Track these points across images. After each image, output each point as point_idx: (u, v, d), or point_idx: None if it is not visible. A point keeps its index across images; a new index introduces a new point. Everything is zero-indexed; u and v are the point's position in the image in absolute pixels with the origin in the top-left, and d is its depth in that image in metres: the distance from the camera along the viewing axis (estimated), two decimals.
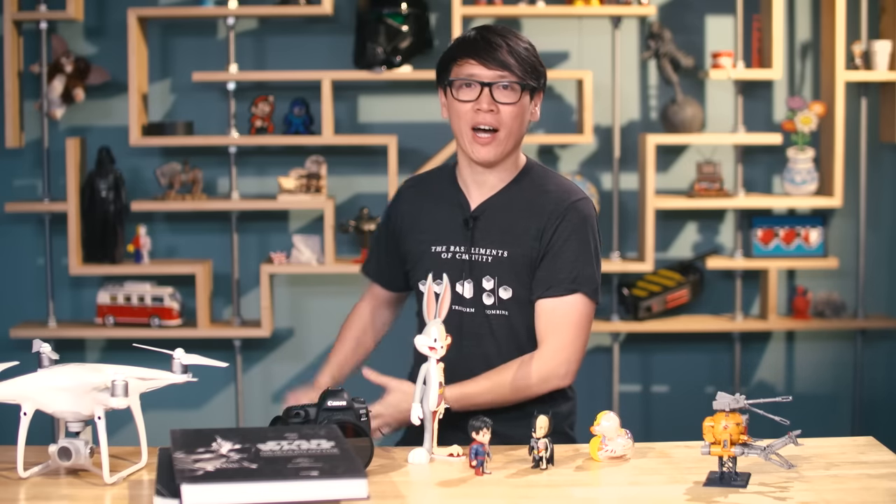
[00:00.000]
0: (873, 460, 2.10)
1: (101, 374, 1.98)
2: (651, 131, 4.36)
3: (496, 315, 2.44)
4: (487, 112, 2.39)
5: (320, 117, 4.17)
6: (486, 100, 2.39)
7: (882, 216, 4.49)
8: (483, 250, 2.44)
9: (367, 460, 2.04)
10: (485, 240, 2.44)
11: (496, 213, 2.45)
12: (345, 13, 4.33)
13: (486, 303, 2.44)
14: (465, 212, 2.47)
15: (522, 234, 2.43)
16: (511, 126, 2.41)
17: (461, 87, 2.41)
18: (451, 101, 2.43)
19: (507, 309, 2.44)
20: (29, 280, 4.40)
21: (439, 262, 2.45)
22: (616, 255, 4.32)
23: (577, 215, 2.43)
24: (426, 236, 2.49)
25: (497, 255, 2.43)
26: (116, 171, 4.17)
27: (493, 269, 2.43)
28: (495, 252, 2.43)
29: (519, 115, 2.42)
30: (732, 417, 1.93)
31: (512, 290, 2.43)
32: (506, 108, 2.39)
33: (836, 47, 4.21)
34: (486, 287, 2.43)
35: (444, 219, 2.48)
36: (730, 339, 4.46)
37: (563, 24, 4.38)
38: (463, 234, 2.45)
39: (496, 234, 2.44)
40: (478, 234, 2.44)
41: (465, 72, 2.40)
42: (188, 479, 1.70)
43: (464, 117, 2.41)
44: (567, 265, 2.41)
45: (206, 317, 4.21)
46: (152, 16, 4.19)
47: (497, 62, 2.38)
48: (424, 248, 2.49)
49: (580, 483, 1.99)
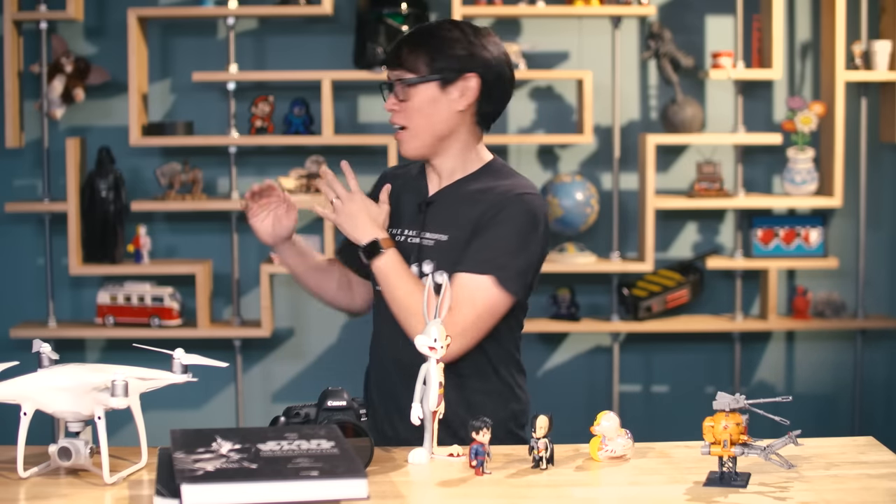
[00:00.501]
0: (873, 460, 2.09)
1: (101, 374, 1.98)
2: (651, 131, 4.36)
3: None
4: (391, 111, 2.43)
5: (320, 117, 4.17)
6: (389, 101, 2.44)
7: (882, 216, 4.49)
8: (430, 234, 2.45)
9: (367, 460, 2.04)
10: (433, 224, 2.45)
11: (447, 200, 2.47)
12: (345, 13, 4.33)
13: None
14: (422, 197, 2.50)
15: (464, 221, 2.41)
16: (416, 120, 2.41)
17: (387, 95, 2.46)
18: None
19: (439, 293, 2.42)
20: (29, 280, 4.40)
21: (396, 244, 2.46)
22: (616, 255, 4.32)
23: (518, 206, 2.36)
24: (392, 220, 2.51)
25: (440, 239, 2.44)
26: (116, 171, 4.17)
27: (434, 254, 2.44)
28: (438, 237, 2.44)
29: (422, 109, 2.39)
30: (732, 417, 1.93)
31: (447, 276, 2.38)
32: (406, 104, 2.41)
33: (836, 47, 4.21)
34: (425, 271, 2.43)
35: (405, 204, 2.52)
36: (730, 339, 4.46)
37: (563, 24, 4.38)
38: (416, 219, 2.48)
39: (443, 220, 2.45)
40: (428, 219, 2.46)
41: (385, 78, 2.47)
42: (188, 479, 1.69)
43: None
44: (487, 246, 2.34)
45: (206, 317, 4.21)
46: (152, 16, 4.19)
47: (392, 60, 2.42)
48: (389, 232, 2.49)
49: (580, 483, 1.99)
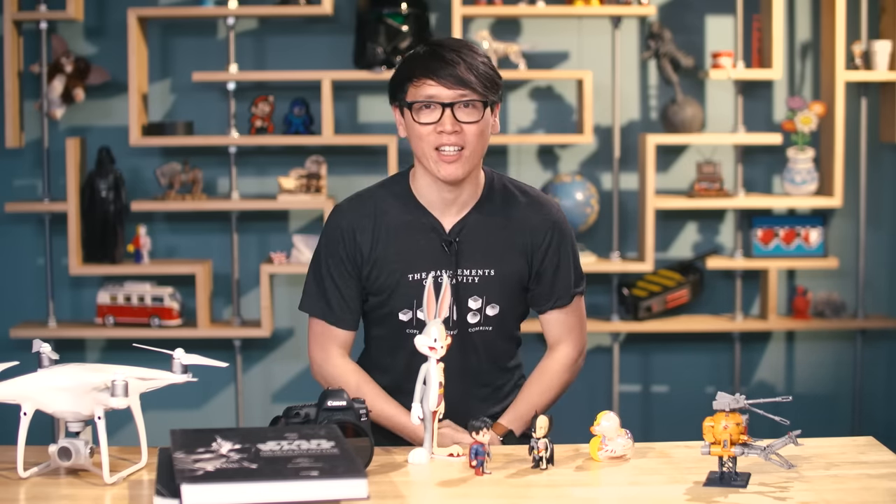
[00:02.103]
0: (873, 460, 2.10)
1: (101, 374, 1.98)
2: (651, 131, 4.36)
3: (479, 332, 2.46)
4: (451, 133, 2.32)
5: (320, 117, 4.17)
6: (448, 121, 2.31)
7: (882, 216, 4.49)
8: (468, 271, 2.41)
9: (367, 460, 2.04)
10: (469, 260, 2.41)
11: (476, 232, 2.42)
12: (345, 13, 4.33)
13: (471, 321, 2.44)
14: (441, 234, 2.41)
15: (508, 251, 2.42)
16: (475, 144, 2.35)
17: (421, 108, 2.33)
18: (412, 123, 2.35)
19: (491, 325, 2.46)
20: (29, 280, 4.40)
21: (420, 289, 2.26)
22: (616, 255, 4.32)
23: (559, 226, 2.48)
24: (398, 265, 2.40)
25: (484, 274, 2.41)
26: (116, 171, 4.17)
27: (480, 290, 2.42)
28: (482, 272, 2.41)
29: (483, 132, 2.36)
30: (732, 417, 1.93)
31: (499, 308, 2.44)
32: (469, 126, 2.32)
33: (836, 47, 4.21)
34: (472, 307, 2.42)
35: (417, 244, 2.41)
36: (730, 339, 4.46)
37: (563, 24, 4.38)
38: (444, 258, 2.40)
39: (479, 254, 2.41)
40: (461, 257, 2.40)
41: (424, 93, 2.32)
42: (188, 479, 1.70)
43: (426, 139, 2.34)
44: (567, 277, 2.48)
45: (206, 317, 4.21)
46: (152, 16, 4.19)
47: (456, 80, 2.30)
48: (398, 278, 2.40)
49: (580, 483, 1.99)
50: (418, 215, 2.42)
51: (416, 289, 2.37)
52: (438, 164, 2.35)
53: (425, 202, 2.43)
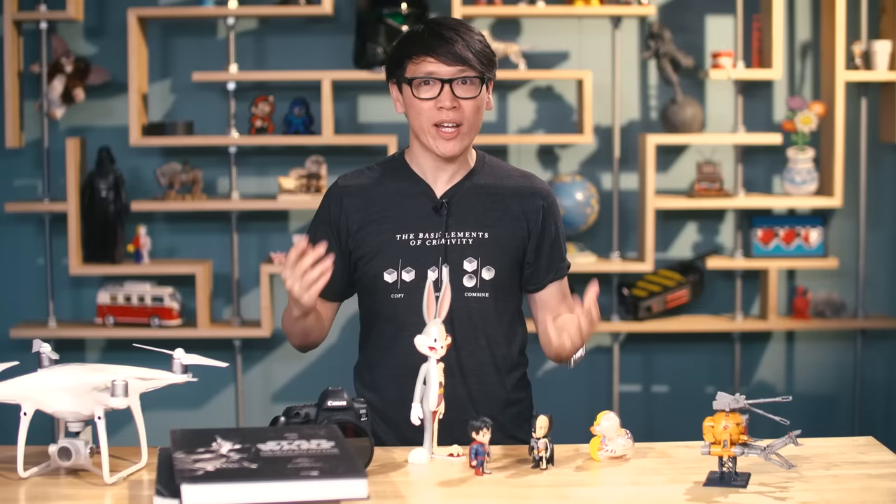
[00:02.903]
0: (873, 460, 2.09)
1: (101, 374, 1.98)
2: (651, 131, 4.37)
3: (476, 298, 2.44)
4: (450, 109, 2.39)
5: (320, 117, 4.17)
6: (447, 97, 2.39)
7: (882, 216, 4.49)
8: (460, 233, 2.44)
9: (367, 460, 2.04)
10: (461, 223, 2.44)
11: (467, 199, 2.46)
12: (345, 13, 4.33)
13: (467, 285, 2.43)
14: (432, 199, 2.46)
15: (504, 216, 2.46)
16: (472, 120, 2.42)
17: (420, 84, 2.41)
18: (411, 98, 2.43)
19: (488, 291, 2.44)
20: (29, 280, 4.40)
21: (407, 249, 2.41)
22: (616, 255, 4.32)
23: (553, 200, 2.54)
24: (386, 226, 2.44)
25: (477, 236, 2.44)
26: (116, 171, 4.17)
27: (474, 251, 2.43)
28: (475, 234, 2.44)
29: (479, 108, 2.44)
30: (732, 417, 1.93)
31: (495, 271, 2.44)
32: (467, 102, 2.40)
33: (836, 47, 4.21)
34: (467, 269, 2.43)
35: (407, 208, 2.46)
36: (730, 339, 4.46)
37: (563, 24, 4.38)
38: (434, 221, 2.44)
39: (472, 217, 2.45)
40: (451, 220, 2.44)
41: (424, 69, 2.39)
42: (188, 479, 1.69)
43: (425, 114, 2.41)
44: (562, 250, 2.55)
45: (206, 317, 4.21)
46: (152, 16, 4.19)
47: (455, 57, 2.38)
48: (386, 238, 2.44)
49: (580, 483, 1.99)
50: (410, 182, 2.49)
51: (404, 249, 2.42)
52: (437, 140, 2.42)
53: (419, 171, 2.50)
